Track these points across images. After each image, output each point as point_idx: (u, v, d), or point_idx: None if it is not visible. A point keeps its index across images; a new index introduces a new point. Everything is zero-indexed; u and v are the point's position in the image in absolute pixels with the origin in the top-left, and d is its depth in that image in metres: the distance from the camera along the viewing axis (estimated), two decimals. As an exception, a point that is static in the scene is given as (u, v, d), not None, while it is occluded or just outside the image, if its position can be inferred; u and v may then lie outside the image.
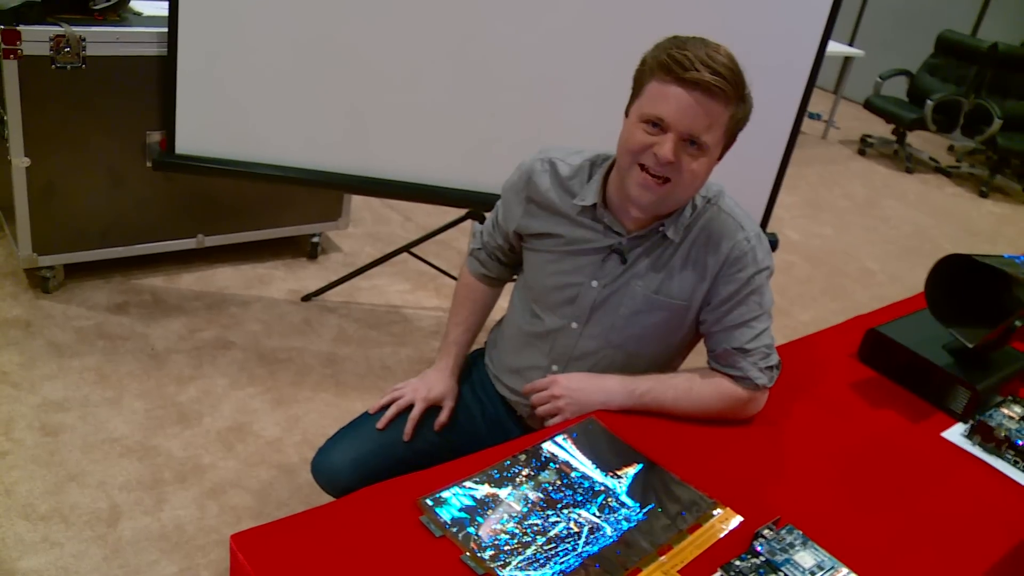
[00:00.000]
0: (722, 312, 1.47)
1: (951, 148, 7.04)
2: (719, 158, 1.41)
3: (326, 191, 3.31)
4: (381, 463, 1.51)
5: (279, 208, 3.25)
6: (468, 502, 1.19)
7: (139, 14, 2.77)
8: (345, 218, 3.45)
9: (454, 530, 1.13)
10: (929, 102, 6.02)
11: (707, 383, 1.48)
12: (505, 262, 1.71)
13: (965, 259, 1.55)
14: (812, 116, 6.95)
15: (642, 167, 1.37)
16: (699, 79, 1.29)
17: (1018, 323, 1.57)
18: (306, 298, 3.13)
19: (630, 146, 1.38)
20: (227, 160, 2.59)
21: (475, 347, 1.76)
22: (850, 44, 7.22)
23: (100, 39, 2.57)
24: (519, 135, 2.59)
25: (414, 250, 3.19)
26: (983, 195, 6.04)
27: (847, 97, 6.94)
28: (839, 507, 1.31)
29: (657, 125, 1.34)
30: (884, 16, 7.60)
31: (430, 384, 1.65)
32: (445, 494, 1.20)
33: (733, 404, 1.48)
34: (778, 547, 1.15)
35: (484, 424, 1.67)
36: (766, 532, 1.17)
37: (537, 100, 2.54)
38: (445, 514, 1.16)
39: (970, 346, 1.57)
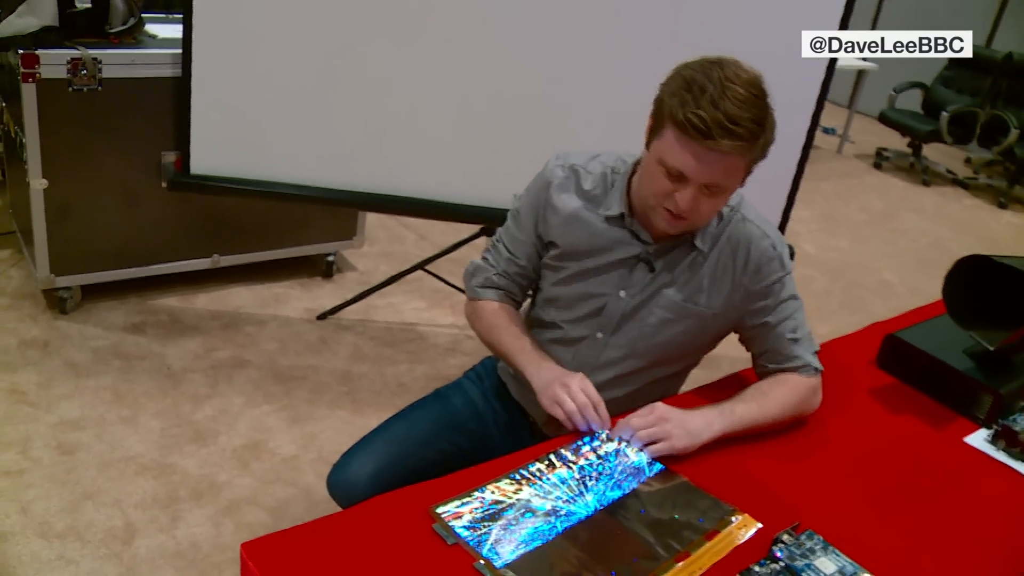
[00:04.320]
0: (765, 315, 1.49)
1: (968, 160, 6.98)
2: (742, 183, 1.40)
3: (340, 210, 3.32)
4: (398, 476, 1.49)
5: (294, 227, 3.26)
6: (481, 509, 1.18)
7: (154, 36, 2.80)
8: (360, 237, 3.45)
9: (466, 537, 1.12)
10: (945, 113, 5.99)
11: (775, 383, 1.48)
12: (525, 285, 1.65)
13: (984, 260, 1.53)
14: (827, 131, 6.92)
15: (665, 208, 1.38)
16: (716, 147, 1.27)
17: (1039, 325, 1.54)
18: (321, 316, 3.13)
19: (654, 190, 1.38)
20: (241, 179, 2.61)
21: (487, 354, 1.75)
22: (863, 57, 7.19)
23: (116, 61, 2.60)
24: (532, 150, 2.57)
25: (429, 267, 3.19)
26: (1002, 206, 5.98)
27: (861, 111, 6.91)
28: (860, 513, 1.29)
29: (676, 175, 1.33)
30: (897, 28, 7.57)
31: (568, 374, 1.45)
32: (457, 501, 1.19)
33: (805, 395, 1.48)
34: (798, 552, 1.13)
35: (497, 431, 1.66)
36: (785, 537, 1.15)
37: (549, 115, 2.53)
38: (457, 521, 1.15)
39: (991, 349, 1.54)
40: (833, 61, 2.51)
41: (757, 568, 1.10)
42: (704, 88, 1.27)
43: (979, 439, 1.53)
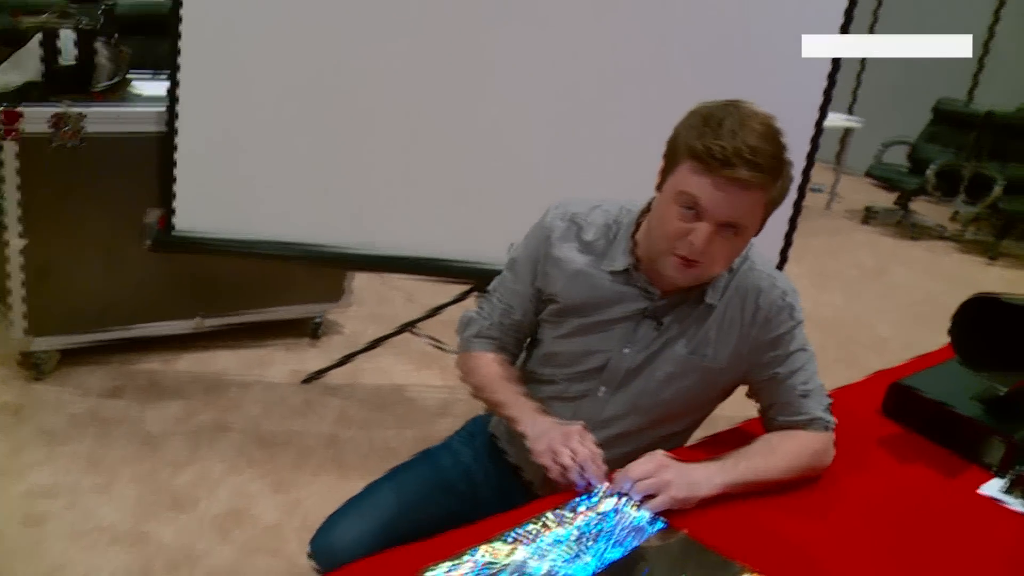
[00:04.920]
0: (774, 367, 1.42)
1: (955, 215, 7.01)
2: (757, 232, 1.35)
3: (327, 270, 3.26)
4: (385, 540, 1.41)
5: (280, 288, 3.20)
6: (473, 572, 1.09)
7: (140, 94, 2.78)
8: (347, 298, 3.39)
9: (458, 603, 1.04)
10: (931, 168, 6.03)
11: (784, 437, 1.41)
12: (520, 339, 1.57)
13: (990, 301, 1.48)
14: (815, 189, 6.96)
15: (676, 253, 1.31)
16: (736, 177, 1.22)
17: (1051, 369, 1.48)
18: (307, 380, 3.05)
19: (666, 231, 1.31)
20: (226, 238, 2.55)
21: (477, 412, 1.67)
22: (848, 115, 7.28)
23: (100, 117, 2.56)
24: (523, 208, 2.54)
25: (418, 328, 3.12)
26: (991, 260, 5.98)
27: (848, 169, 6.96)
28: (875, 569, 1.21)
29: (692, 209, 1.27)
30: (881, 87, 7.69)
31: (563, 426, 1.37)
32: (448, 565, 1.10)
33: (816, 452, 1.41)
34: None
35: (488, 492, 1.57)
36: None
37: (540, 172, 2.50)
38: (448, 586, 1.06)
39: (1003, 391, 1.48)
40: (822, 118, 2.49)
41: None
42: (723, 121, 1.24)
43: (994, 488, 1.46)
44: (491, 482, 1.60)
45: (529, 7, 2.36)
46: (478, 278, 2.68)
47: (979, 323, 1.53)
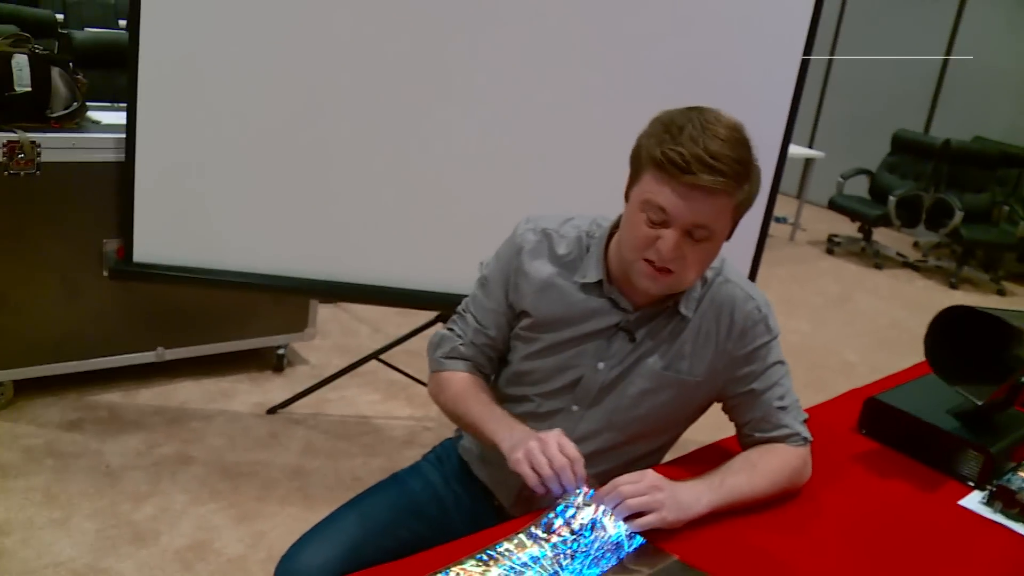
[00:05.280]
0: (750, 381, 1.39)
1: (916, 244, 7.12)
2: (728, 237, 1.33)
3: (291, 301, 3.21)
4: (352, 566, 1.35)
5: (243, 319, 3.13)
6: (446, 593, 1.05)
7: (97, 123, 2.73)
8: (312, 329, 3.33)
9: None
10: (892, 198, 6.12)
11: (764, 452, 1.38)
12: (494, 357, 1.53)
13: (965, 312, 1.47)
14: (778, 220, 7.03)
15: (647, 260, 1.28)
16: (697, 183, 1.20)
17: (1024, 380, 1.48)
18: (272, 411, 2.98)
19: (634, 240, 1.28)
20: (187, 268, 2.50)
21: (448, 436, 1.63)
22: (809, 147, 7.39)
23: (56, 145, 2.51)
24: (489, 236, 2.52)
25: (384, 357, 3.07)
26: (953, 286, 6.06)
27: (810, 200, 7.04)
28: (860, 583, 1.18)
29: (658, 216, 1.25)
30: (840, 119, 7.82)
31: (539, 433, 1.29)
32: (420, 585, 1.06)
33: (796, 467, 1.38)
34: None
35: (459, 516, 1.52)
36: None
37: (507, 200, 2.47)
38: (420, 608, 1.02)
39: (979, 403, 1.47)
40: (785, 150, 2.50)
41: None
42: (683, 128, 1.22)
43: (974, 502, 1.44)
44: (462, 506, 1.55)
45: (492, 37, 2.36)
46: (444, 306, 2.65)
47: (953, 336, 1.52)
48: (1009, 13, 6.75)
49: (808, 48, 2.42)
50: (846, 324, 4.93)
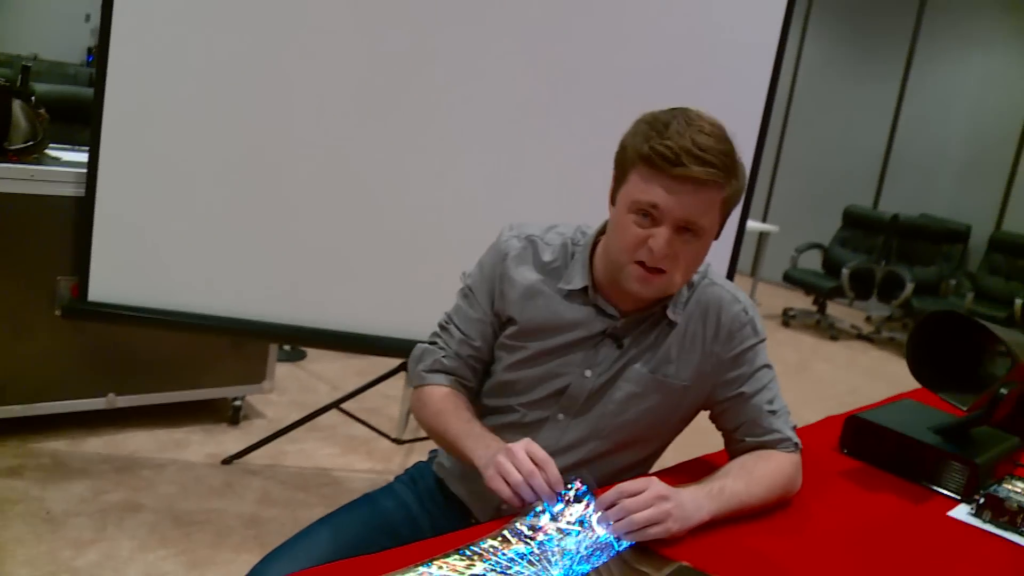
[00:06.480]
0: (739, 385, 1.37)
1: (868, 319, 7.24)
2: (716, 236, 1.32)
3: (249, 352, 3.12)
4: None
5: (199, 368, 3.03)
6: (430, 583, 0.98)
7: (57, 159, 2.66)
8: (269, 382, 3.23)
9: (415, 612, 0.92)
10: (845, 270, 6.23)
11: (759, 459, 1.34)
12: (478, 369, 1.47)
13: (948, 318, 1.47)
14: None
15: (638, 263, 1.26)
16: (687, 175, 1.20)
17: (1003, 390, 1.47)
18: (227, 460, 2.85)
19: (624, 243, 1.26)
20: (144, 308, 2.42)
21: (420, 446, 1.56)
22: (763, 222, 7.54)
23: (13, 175, 2.45)
24: (456, 282, 2.49)
25: (345, 409, 2.99)
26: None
27: (764, 278, 7.15)
28: (860, 581, 1.13)
29: (648, 215, 1.24)
30: (793, 195, 8.02)
31: (508, 444, 1.23)
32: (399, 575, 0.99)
33: (790, 473, 1.34)
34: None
35: (432, 535, 1.44)
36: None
37: (473, 245, 2.45)
38: (403, 596, 0.95)
39: (964, 408, 1.45)
40: (743, 226, 2.53)
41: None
42: (668, 124, 1.22)
43: (963, 513, 1.41)
44: (437, 526, 1.47)
45: (455, 74, 2.37)
46: (407, 354, 2.58)
47: (933, 346, 1.51)
48: (949, 94, 7.05)
49: (763, 128, 2.47)
50: (806, 391, 4.94)
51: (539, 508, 1.15)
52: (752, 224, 6.57)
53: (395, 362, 2.94)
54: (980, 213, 6.72)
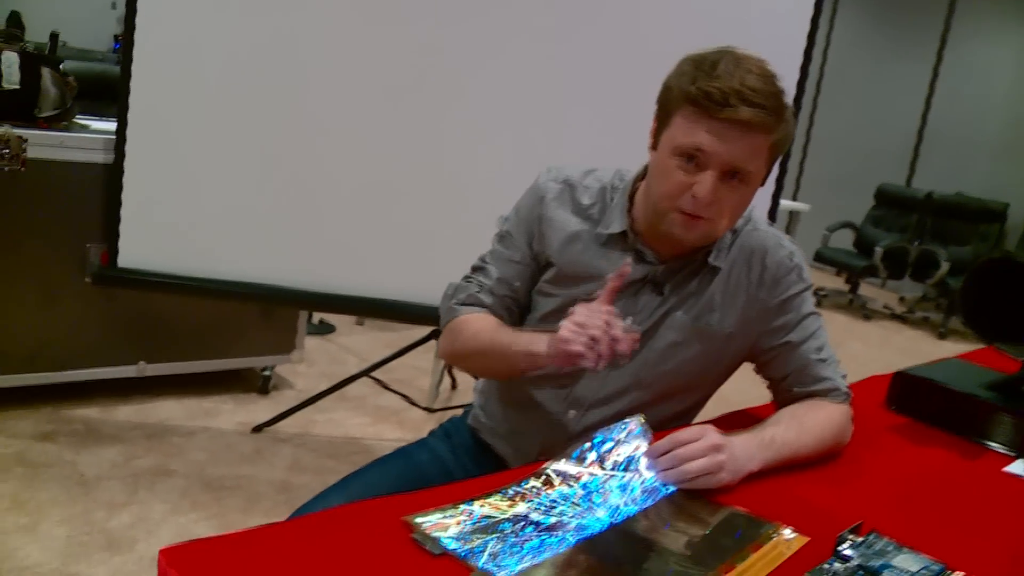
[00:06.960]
0: (786, 332, 1.32)
1: (901, 299, 7.12)
2: (763, 183, 1.27)
3: (278, 322, 3.10)
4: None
5: (229, 337, 3.02)
6: (471, 522, 0.95)
7: (86, 127, 2.65)
8: (299, 352, 3.22)
9: (456, 549, 0.88)
10: (878, 249, 6.13)
11: (809, 408, 1.29)
12: (515, 311, 1.41)
13: (1002, 265, 1.41)
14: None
15: (681, 210, 1.21)
16: (736, 117, 1.14)
17: (1064, 342, 1.41)
18: (257, 429, 2.85)
19: (667, 188, 1.21)
20: (174, 275, 2.40)
21: (452, 414, 1.52)
22: (793, 201, 7.43)
23: (43, 142, 2.43)
24: (485, 247, 2.46)
25: (375, 377, 2.97)
26: (942, 336, 6.04)
27: (795, 254, 7.06)
28: (918, 534, 1.08)
29: (693, 159, 1.18)
30: (823, 173, 7.90)
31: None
32: (439, 513, 0.95)
33: (840, 423, 1.30)
34: (870, 552, 0.91)
35: (469, 487, 1.41)
36: (851, 537, 0.94)
37: (502, 208, 2.42)
38: (443, 532, 0.91)
39: (1020, 359, 1.39)
40: (776, 204, 2.51)
41: (828, 565, 0.88)
42: (716, 63, 1.16)
43: (1020, 468, 1.36)
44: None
45: (478, 53, 2.34)
46: (437, 321, 2.56)
47: (989, 294, 1.45)
48: (986, 71, 6.90)
49: (796, 106, 2.40)
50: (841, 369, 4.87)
51: (586, 445, 1.12)
52: (783, 203, 6.48)
53: (426, 330, 2.92)
54: (1018, 191, 6.57)
